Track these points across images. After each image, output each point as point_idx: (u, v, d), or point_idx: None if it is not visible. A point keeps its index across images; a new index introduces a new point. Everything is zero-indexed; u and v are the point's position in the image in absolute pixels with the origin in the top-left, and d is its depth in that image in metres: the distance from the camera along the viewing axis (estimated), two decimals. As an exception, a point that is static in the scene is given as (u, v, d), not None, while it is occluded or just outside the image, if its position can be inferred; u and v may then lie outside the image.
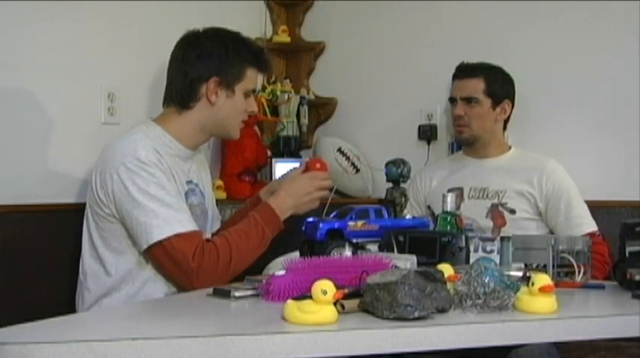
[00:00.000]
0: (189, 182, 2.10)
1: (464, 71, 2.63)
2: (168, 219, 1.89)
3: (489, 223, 2.49)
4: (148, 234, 1.89)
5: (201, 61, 2.05)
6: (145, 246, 1.91)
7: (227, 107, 2.08)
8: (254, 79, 2.13)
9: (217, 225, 2.28)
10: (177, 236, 1.89)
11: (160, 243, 1.89)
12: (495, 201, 2.51)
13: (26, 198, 2.24)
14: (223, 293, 1.61)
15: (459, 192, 2.51)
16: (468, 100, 2.58)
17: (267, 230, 2.01)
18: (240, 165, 2.93)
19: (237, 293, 1.60)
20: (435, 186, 2.65)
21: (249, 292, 1.61)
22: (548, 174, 2.50)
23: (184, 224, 1.92)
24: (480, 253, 1.91)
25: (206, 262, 1.89)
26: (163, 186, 1.93)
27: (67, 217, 2.22)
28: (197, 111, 2.07)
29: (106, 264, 2.00)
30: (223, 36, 2.10)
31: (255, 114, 2.22)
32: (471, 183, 2.56)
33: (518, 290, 1.49)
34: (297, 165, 3.08)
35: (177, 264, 1.89)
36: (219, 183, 2.88)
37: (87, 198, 2.05)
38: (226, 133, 2.16)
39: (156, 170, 1.93)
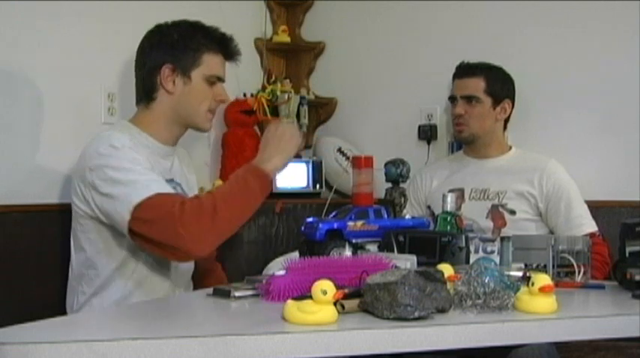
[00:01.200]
0: (170, 181, 2.05)
1: (464, 70, 2.63)
2: (148, 184, 1.82)
3: (489, 224, 2.49)
4: (129, 202, 1.80)
5: (155, 50, 2.03)
6: (128, 217, 1.80)
7: (187, 95, 2.02)
8: (215, 65, 2.06)
9: None
10: (159, 194, 1.81)
11: (140, 204, 1.79)
12: (496, 201, 2.51)
13: (26, 197, 2.24)
14: (223, 293, 1.61)
15: (459, 193, 2.51)
16: (469, 99, 2.58)
17: (249, 178, 1.88)
18: (240, 165, 2.92)
19: (237, 293, 1.60)
20: (435, 186, 2.65)
21: (249, 292, 1.61)
22: (548, 174, 2.50)
23: (164, 187, 1.86)
24: (481, 254, 1.91)
25: (189, 206, 1.78)
26: (139, 162, 1.88)
27: (67, 217, 2.22)
28: (160, 102, 2.03)
29: (97, 266, 1.97)
30: (181, 25, 2.06)
31: (225, 102, 2.17)
32: (471, 183, 2.56)
33: (518, 290, 1.48)
34: (296, 164, 3.09)
35: (159, 217, 1.78)
36: (219, 183, 2.88)
37: (72, 205, 2.00)
38: (194, 123, 2.08)
39: (130, 151, 1.89)
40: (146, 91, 2.04)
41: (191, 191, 2.17)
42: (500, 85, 2.60)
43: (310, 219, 1.92)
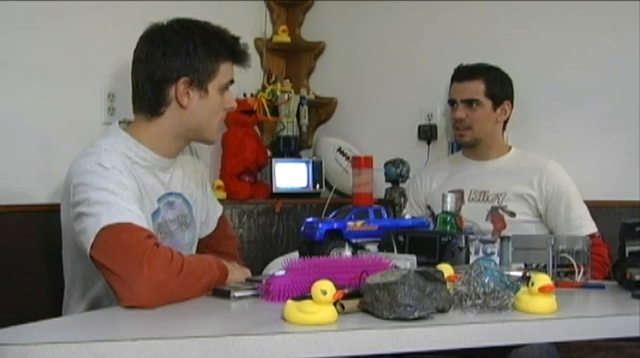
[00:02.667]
0: (168, 194, 1.92)
1: (463, 73, 2.62)
2: (123, 211, 1.65)
3: (489, 226, 2.48)
4: (99, 222, 1.63)
5: (168, 59, 1.82)
6: (92, 238, 1.62)
7: (202, 109, 1.86)
8: (229, 72, 1.90)
9: (212, 227, 2.13)
10: (130, 224, 1.63)
11: (110, 227, 1.62)
12: (495, 203, 2.50)
13: (26, 197, 2.24)
14: (223, 293, 1.61)
15: (459, 195, 2.50)
16: (469, 103, 2.57)
17: (213, 263, 1.73)
18: (240, 165, 2.93)
19: (237, 294, 1.60)
20: (435, 188, 2.64)
21: (249, 292, 1.61)
22: (548, 175, 2.50)
23: (141, 221, 1.67)
24: (480, 255, 1.91)
25: (163, 250, 1.62)
26: (125, 188, 1.72)
27: (67, 217, 2.22)
28: (169, 117, 1.85)
29: (84, 285, 1.88)
30: (190, 28, 1.87)
31: (233, 110, 2.00)
32: (471, 185, 2.56)
33: (518, 290, 1.49)
34: (296, 164, 3.09)
35: (128, 244, 1.60)
36: (219, 183, 2.88)
37: (61, 218, 1.90)
38: (203, 138, 1.94)
39: (119, 174, 1.73)
40: (152, 105, 1.85)
41: (197, 197, 2.04)
42: (499, 86, 2.60)
43: (310, 219, 1.92)
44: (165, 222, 1.93)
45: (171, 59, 1.83)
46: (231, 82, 1.94)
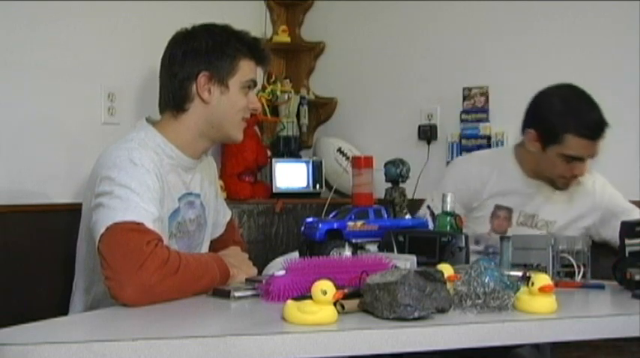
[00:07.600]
0: (188, 194, 1.96)
1: (598, 133, 2.33)
2: (139, 210, 1.69)
3: None
4: (111, 216, 1.67)
5: (189, 58, 1.90)
6: (102, 230, 1.66)
7: (223, 104, 1.91)
8: (250, 71, 1.95)
9: (220, 231, 2.18)
10: (141, 224, 1.67)
11: (119, 223, 1.66)
12: (544, 231, 2.38)
13: (26, 198, 2.24)
14: (223, 294, 1.61)
15: (507, 214, 2.41)
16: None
17: (217, 273, 1.74)
18: (240, 165, 2.93)
19: (237, 294, 1.60)
20: (486, 194, 2.45)
21: (249, 292, 1.61)
22: (599, 202, 2.41)
23: (155, 222, 1.71)
24: None
25: (160, 251, 1.64)
26: (148, 188, 1.75)
27: (67, 217, 2.22)
28: (193, 114, 1.91)
29: (92, 278, 1.89)
30: (212, 30, 1.95)
31: (257, 111, 2.06)
32: (520, 206, 2.41)
33: (518, 290, 1.49)
34: (296, 164, 3.10)
35: (130, 245, 1.63)
36: (220, 183, 2.88)
37: (82, 208, 1.93)
38: (227, 136, 1.97)
39: (146, 173, 1.77)
40: (177, 102, 1.91)
41: (210, 201, 2.07)
42: None
43: (310, 219, 1.92)
44: (185, 221, 1.96)
45: (192, 57, 1.91)
46: (254, 83, 1.98)
